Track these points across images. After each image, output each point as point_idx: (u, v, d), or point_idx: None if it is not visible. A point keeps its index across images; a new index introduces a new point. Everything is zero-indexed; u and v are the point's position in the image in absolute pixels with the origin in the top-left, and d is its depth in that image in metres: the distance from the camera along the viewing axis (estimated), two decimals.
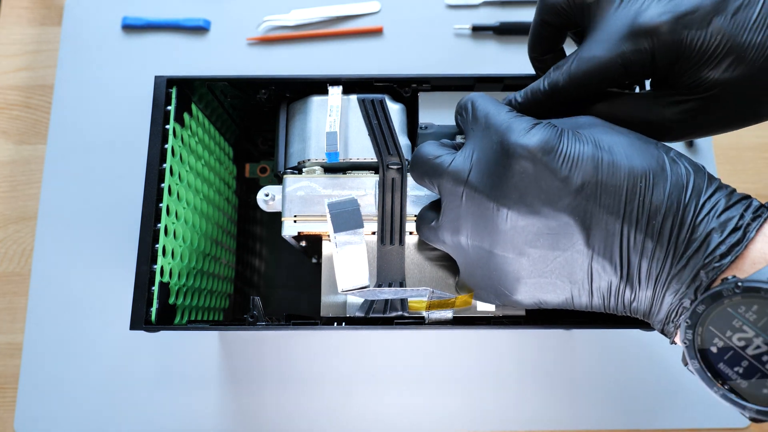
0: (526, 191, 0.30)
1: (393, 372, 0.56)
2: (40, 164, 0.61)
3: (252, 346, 0.56)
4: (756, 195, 0.60)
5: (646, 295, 0.30)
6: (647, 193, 0.29)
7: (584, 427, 0.54)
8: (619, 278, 0.30)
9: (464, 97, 0.35)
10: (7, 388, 0.56)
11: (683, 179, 0.29)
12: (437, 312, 0.39)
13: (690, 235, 0.28)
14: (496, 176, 0.31)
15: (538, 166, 0.30)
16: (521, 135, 0.31)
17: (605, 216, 0.29)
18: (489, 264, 0.33)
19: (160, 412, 0.55)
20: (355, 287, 0.36)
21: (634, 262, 0.29)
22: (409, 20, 0.65)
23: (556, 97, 0.35)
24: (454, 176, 0.33)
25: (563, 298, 0.32)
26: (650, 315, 0.31)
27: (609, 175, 0.29)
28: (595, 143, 0.30)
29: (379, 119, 0.42)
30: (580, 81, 0.34)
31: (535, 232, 0.30)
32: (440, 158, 0.34)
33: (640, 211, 0.29)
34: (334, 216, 0.36)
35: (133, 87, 0.63)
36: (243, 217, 0.59)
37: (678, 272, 0.29)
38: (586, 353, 0.56)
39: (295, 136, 0.43)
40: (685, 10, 0.31)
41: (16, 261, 0.59)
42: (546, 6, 0.36)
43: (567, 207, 0.30)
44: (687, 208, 0.29)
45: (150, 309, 0.39)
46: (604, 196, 0.29)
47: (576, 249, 0.30)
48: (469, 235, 0.33)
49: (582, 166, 0.30)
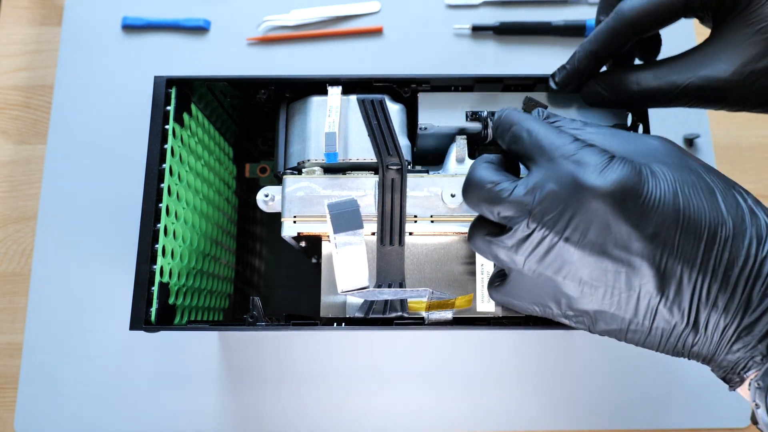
0: (599, 231, 0.29)
1: (393, 372, 0.56)
2: (40, 164, 0.61)
3: (252, 346, 0.56)
4: (756, 195, 0.60)
5: (710, 342, 0.29)
6: (727, 244, 0.28)
7: (584, 427, 0.54)
8: (685, 324, 0.29)
9: (511, 120, 0.34)
10: (7, 388, 0.56)
11: (762, 231, 0.29)
12: (437, 313, 0.39)
13: (765, 289, 0.28)
14: (566, 212, 0.29)
15: (616, 208, 0.29)
16: (596, 174, 0.29)
17: (681, 263, 0.29)
18: (544, 284, 0.32)
19: (160, 412, 0.55)
20: (355, 288, 0.36)
21: (703, 311, 0.29)
22: (409, 20, 0.65)
23: (622, 30, 0.36)
24: (517, 207, 0.31)
25: (616, 327, 0.31)
26: (712, 361, 0.30)
27: (691, 221, 0.29)
28: (675, 185, 0.29)
29: (379, 119, 0.42)
30: (643, 14, 0.34)
31: (603, 268, 0.30)
32: (500, 186, 0.32)
33: (717, 261, 0.28)
34: (334, 217, 0.36)
35: (133, 87, 0.63)
36: (243, 217, 0.59)
37: (749, 325, 0.28)
38: (586, 353, 0.56)
39: (295, 137, 0.43)
40: None
41: (16, 261, 0.59)
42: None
43: (642, 251, 0.29)
44: (764, 262, 0.28)
45: (150, 309, 0.39)
46: (683, 242, 0.29)
47: (645, 291, 0.29)
48: (528, 259, 0.31)
49: (663, 211, 0.29)
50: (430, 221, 0.41)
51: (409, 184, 0.41)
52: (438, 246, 0.42)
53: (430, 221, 0.41)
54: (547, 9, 0.65)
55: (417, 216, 0.41)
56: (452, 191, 0.41)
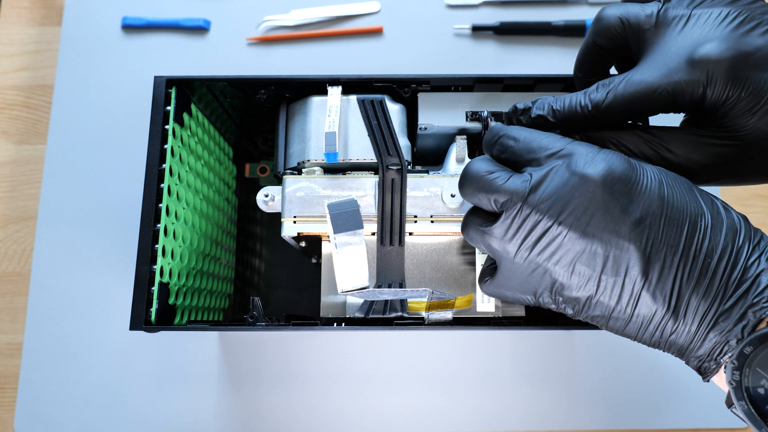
0: (591, 215, 0.30)
1: (393, 372, 0.56)
2: (40, 164, 0.61)
3: (252, 347, 0.56)
4: (756, 195, 0.60)
5: (689, 329, 0.30)
6: (706, 232, 0.30)
7: (584, 427, 0.54)
8: (665, 309, 0.30)
9: (496, 132, 0.34)
10: (7, 388, 0.56)
11: (736, 224, 0.30)
12: (437, 313, 0.39)
13: (741, 276, 0.29)
14: (560, 197, 0.31)
15: (607, 192, 0.30)
16: (589, 161, 0.31)
17: (665, 248, 0.30)
18: (535, 272, 0.33)
19: (160, 412, 0.55)
20: (355, 288, 0.36)
21: (684, 296, 0.30)
22: (409, 20, 0.65)
23: (595, 116, 0.34)
24: (511, 193, 0.32)
25: (600, 314, 0.32)
26: (687, 350, 0.31)
27: (674, 209, 0.30)
28: (659, 177, 0.31)
29: (379, 119, 0.42)
30: (625, 104, 0.33)
31: (592, 252, 0.31)
32: (494, 174, 0.33)
33: (698, 248, 0.30)
34: (334, 217, 0.36)
35: (133, 87, 0.63)
36: (243, 217, 0.59)
37: (726, 310, 0.29)
38: (586, 353, 0.56)
39: (295, 137, 0.43)
40: (751, 48, 0.31)
41: (16, 261, 0.59)
42: (600, 28, 0.35)
43: (629, 234, 0.30)
44: (740, 251, 0.30)
45: (150, 309, 0.39)
46: (667, 228, 0.30)
47: (630, 275, 0.30)
48: (521, 247, 0.32)
49: (649, 197, 0.30)
50: (430, 221, 0.41)
51: (409, 184, 0.41)
52: (438, 246, 0.42)
53: (430, 221, 0.41)
54: (547, 9, 0.65)
55: (417, 216, 0.41)
56: (452, 191, 0.41)
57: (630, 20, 0.34)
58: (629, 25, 0.34)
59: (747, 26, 0.32)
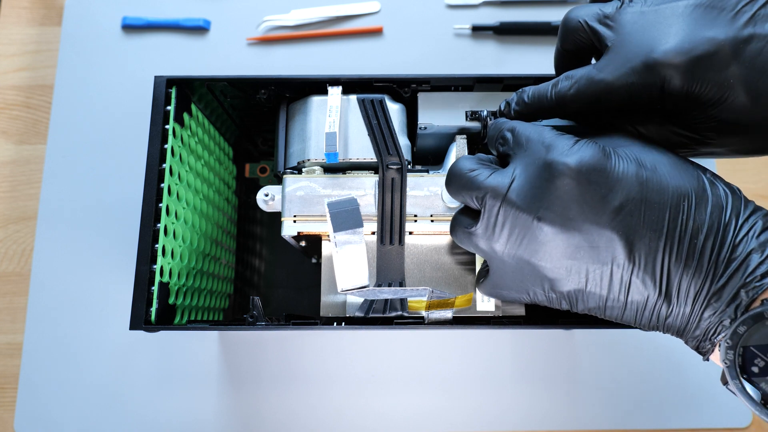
0: (569, 207, 0.30)
1: (393, 372, 0.56)
2: (40, 164, 0.61)
3: (252, 346, 0.56)
4: (756, 195, 0.60)
5: (683, 311, 0.30)
6: (690, 212, 0.30)
7: (584, 427, 0.54)
8: (657, 294, 0.30)
9: (498, 126, 0.35)
10: (7, 388, 0.56)
11: (722, 200, 0.30)
12: (437, 312, 0.39)
13: (730, 255, 0.29)
14: (538, 192, 0.31)
15: (582, 184, 0.30)
16: (564, 152, 0.31)
17: (649, 232, 0.30)
18: (524, 269, 0.33)
19: (160, 412, 0.55)
20: (355, 287, 0.36)
21: (674, 279, 0.30)
22: (409, 20, 0.65)
23: (561, 108, 0.35)
24: (492, 190, 0.32)
25: (595, 305, 0.33)
26: (685, 332, 0.31)
27: (654, 192, 0.30)
28: (637, 161, 0.31)
29: (379, 119, 0.42)
30: (586, 100, 0.34)
31: (576, 245, 0.31)
32: (477, 171, 0.33)
33: (682, 229, 0.29)
34: (334, 215, 0.36)
35: (133, 87, 0.63)
36: (243, 217, 0.59)
37: (718, 290, 0.29)
38: (586, 353, 0.56)
39: (295, 136, 0.43)
40: (704, 52, 0.30)
41: (16, 261, 0.59)
42: (564, 33, 0.36)
43: (610, 223, 0.30)
44: (727, 228, 0.29)
45: (150, 309, 0.39)
46: (648, 213, 0.30)
47: (617, 263, 0.30)
48: (506, 245, 0.33)
49: (627, 183, 0.30)
50: (430, 221, 0.41)
51: (409, 183, 0.41)
52: (438, 245, 0.42)
53: (430, 221, 0.41)
54: (547, 9, 0.65)
55: (417, 215, 0.41)
56: None
57: (589, 22, 0.34)
58: (589, 27, 0.35)
59: (707, 17, 0.31)
